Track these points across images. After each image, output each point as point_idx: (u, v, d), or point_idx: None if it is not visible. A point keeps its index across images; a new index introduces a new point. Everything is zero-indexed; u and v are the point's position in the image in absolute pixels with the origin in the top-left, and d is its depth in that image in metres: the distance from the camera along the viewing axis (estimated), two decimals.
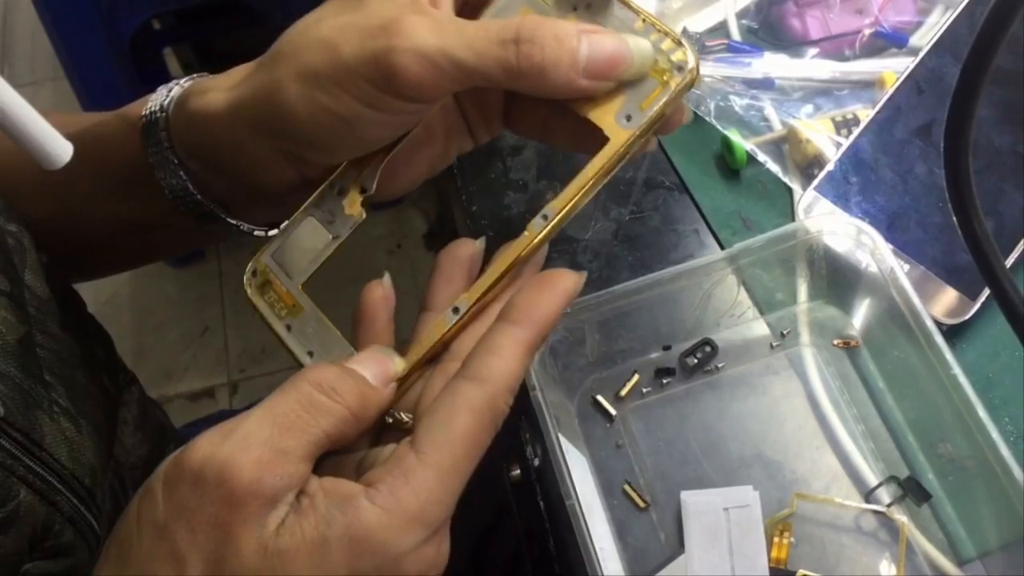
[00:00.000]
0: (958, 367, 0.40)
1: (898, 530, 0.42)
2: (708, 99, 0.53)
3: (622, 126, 0.36)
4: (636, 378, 0.47)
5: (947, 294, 0.46)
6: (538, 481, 0.45)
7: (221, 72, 0.43)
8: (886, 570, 0.41)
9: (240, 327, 1.58)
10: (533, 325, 0.34)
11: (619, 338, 0.47)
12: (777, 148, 0.53)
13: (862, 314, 0.47)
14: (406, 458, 0.32)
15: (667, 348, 0.48)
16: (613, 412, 0.47)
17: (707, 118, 0.53)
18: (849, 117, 0.52)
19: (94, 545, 0.41)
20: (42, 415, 0.39)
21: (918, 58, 0.51)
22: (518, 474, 0.47)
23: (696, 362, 0.47)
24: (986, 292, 0.45)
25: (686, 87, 0.36)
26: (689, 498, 0.44)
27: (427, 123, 0.42)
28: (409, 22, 0.35)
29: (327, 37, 0.37)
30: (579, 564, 0.38)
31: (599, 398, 0.47)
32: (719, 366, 0.47)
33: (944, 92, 0.50)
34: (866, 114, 0.51)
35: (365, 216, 0.40)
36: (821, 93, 0.55)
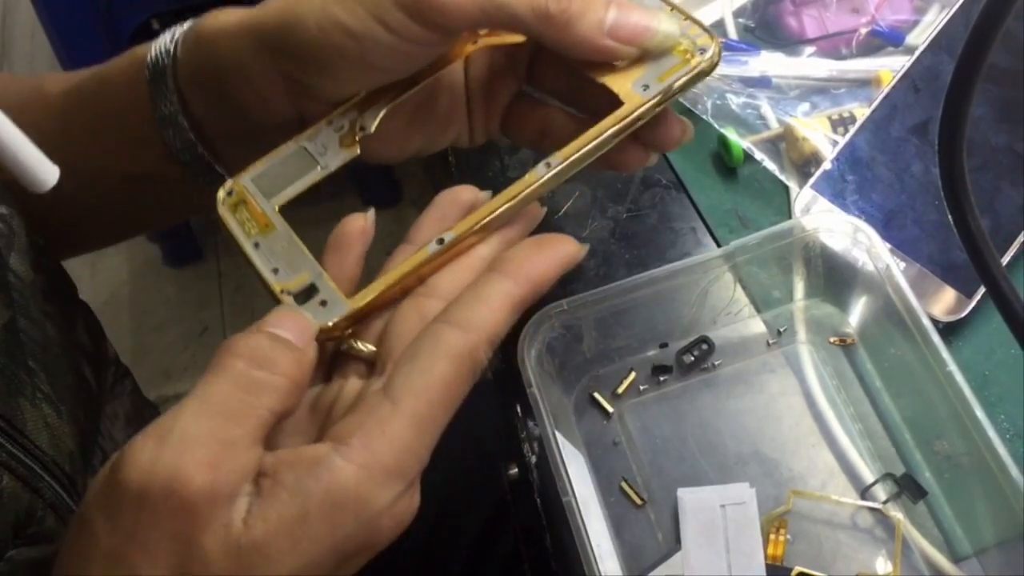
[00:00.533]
0: (954, 364, 0.40)
1: (894, 527, 0.42)
2: (705, 97, 0.53)
3: (638, 92, 0.37)
4: (633, 375, 0.47)
5: (943, 292, 0.46)
6: (535, 479, 0.46)
7: None
8: (882, 567, 0.41)
9: (240, 328, 1.54)
10: (527, 282, 0.34)
11: (616, 335, 0.47)
12: (774, 146, 0.53)
13: (858, 312, 0.47)
14: (380, 407, 0.30)
15: (664, 346, 0.48)
16: (610, 409, 0.47)
17: (704, 116, 0.53)
18: (846, 115, 0.52)
19: None
20: (24, 401, 0.38)
21: (914, 56, 0.51)
22: (516, 472, 0.47)
23: (693, 360, 0.47)
24: (982, 290, 0.45)
25: (706, 69, 0.37)
26: (686, 495, 0.44)
27: (432, 93, 0.42)
28: None
29: None
30: (576, 561, 0.38)
31: (596, 395, 0.47)
32: (716, 364, 0.47)
33: (940, 90, 0.50)
34: (862, 112, 0.51)
35: (359, 153, 0.40)
36: (818, 91, 0.55)
